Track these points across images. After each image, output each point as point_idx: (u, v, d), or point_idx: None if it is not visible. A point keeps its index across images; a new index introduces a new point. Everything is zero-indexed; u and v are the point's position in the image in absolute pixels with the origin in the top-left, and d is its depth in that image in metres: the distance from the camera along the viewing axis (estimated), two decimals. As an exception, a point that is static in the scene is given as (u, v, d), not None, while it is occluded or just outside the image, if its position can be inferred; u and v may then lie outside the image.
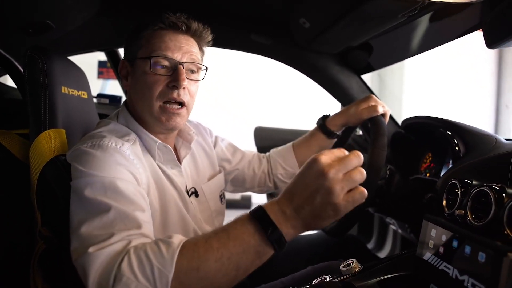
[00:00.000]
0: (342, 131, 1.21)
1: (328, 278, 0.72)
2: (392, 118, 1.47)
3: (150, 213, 0.80)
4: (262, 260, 0.63)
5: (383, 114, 1.08)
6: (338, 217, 0.62)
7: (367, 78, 1.64)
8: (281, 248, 0.62)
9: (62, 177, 0.86)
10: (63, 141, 0.94)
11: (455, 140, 0.97)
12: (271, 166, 1.25)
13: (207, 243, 0.63)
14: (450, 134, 1.00)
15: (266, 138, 2.16)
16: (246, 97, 4.21)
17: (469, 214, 0.69)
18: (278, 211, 0.62)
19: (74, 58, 1.23)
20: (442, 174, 0.96)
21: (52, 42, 1.32)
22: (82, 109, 1.09)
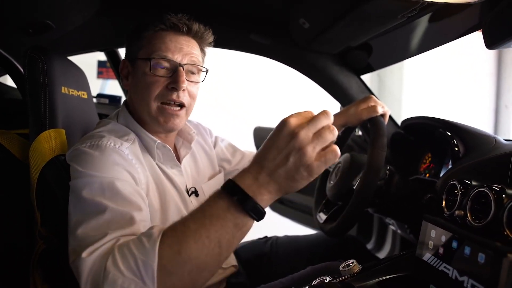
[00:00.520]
0: (342, 132, 1.21)
1: (327, 279, 0.73)
2: (391, 118, 1.47)
3: (148, 212, 0.80)
4: (244, 231, 0.63)
5: (383, 115, 1.08)
6: (312, 178, 0.61)
7: (367, 78, 1.63)
8: (259, 216, 0.62)
9: (62, 177, 0.86)
10: (63, 141, 0.94)
11: (455, 140, 0.98)
12: None
13: (185, 226, 0.62)
14: (449, 134, 1.01)
15: (265, 138, 2.15)
16: (245, 97, 4.20)
17: (468, 214, 0.69)
18: (250, 179, 0.61)
19: (74, 58, 1.23)
20: (442, 175, 0.96)
21: (52, 42, 1.31)
22: (82, 109, 1.09)
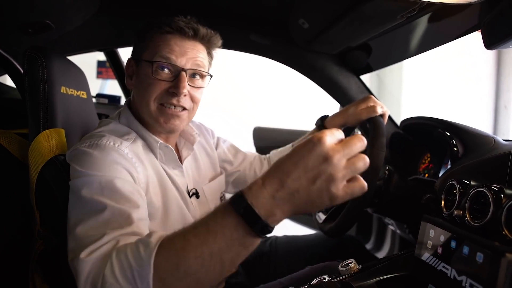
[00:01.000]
0: (341, 132, 1.21)
1: (326, 278, 0.73)
2: (390, 118, 1.47)
3: (147, 210, 0.80)
4: (250, 250, 0.58)
5: (382, 115, 1.08)
6: (331, 205, 0.56)
7: (366, 78, 1.63)
8: (267, 233, 0.57)
9: (61, 177, 0.86)
10: (62, 141, 0.94)
11: (454, 140, 0.98)
12: None
13: (185, 239, 0.58)
14: (448, 134, 1.01)
15: (265, 138, 2.16)
16: (245, 97, 4.20)
17: (467, 214, 0.69)
18: (265, 197, 0.54)
19: (73, 58, 1.23)
20: (441, 175, 0.96)
21: (51, 42, 1.32)
22: (81, 109, 1.09)
